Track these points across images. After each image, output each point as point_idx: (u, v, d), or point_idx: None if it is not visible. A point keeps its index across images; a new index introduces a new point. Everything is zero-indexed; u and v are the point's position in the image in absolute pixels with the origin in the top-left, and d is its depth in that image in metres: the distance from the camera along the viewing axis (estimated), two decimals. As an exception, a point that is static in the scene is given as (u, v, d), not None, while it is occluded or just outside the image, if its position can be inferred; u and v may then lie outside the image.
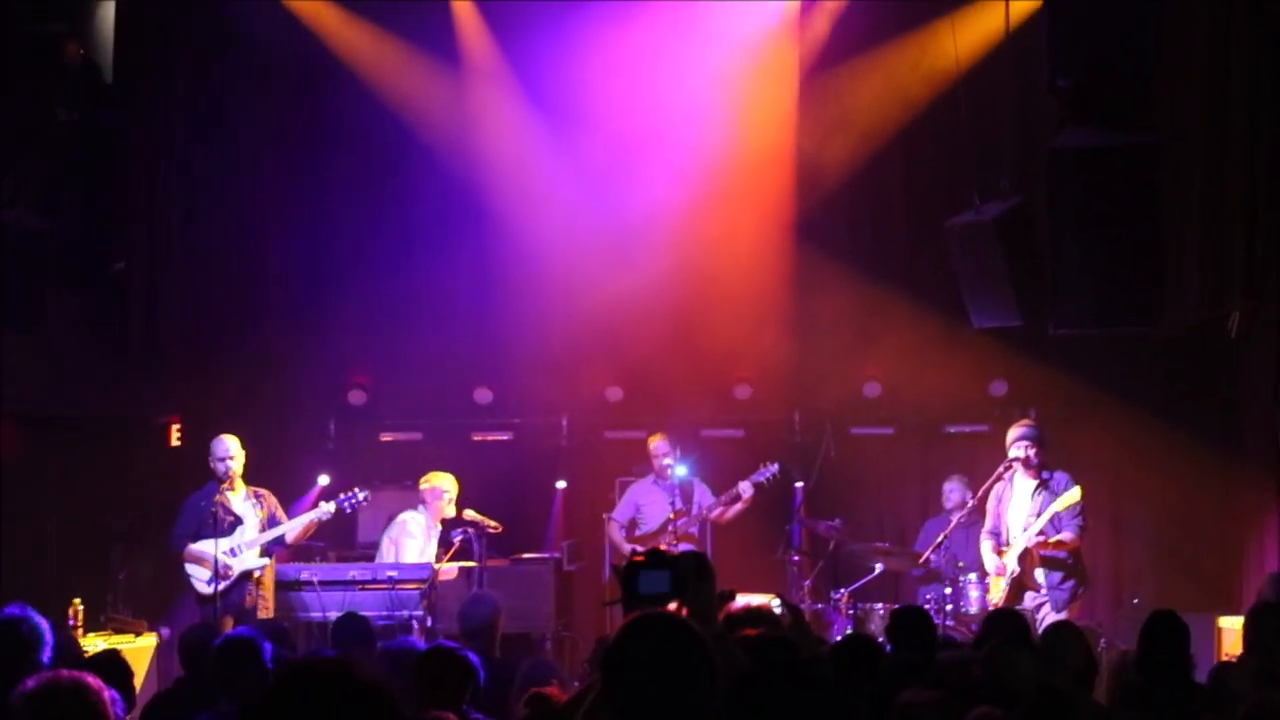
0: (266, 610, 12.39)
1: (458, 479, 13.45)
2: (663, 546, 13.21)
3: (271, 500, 12.70)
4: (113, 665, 7.50)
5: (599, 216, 15.13)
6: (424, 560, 13.02)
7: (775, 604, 4.97)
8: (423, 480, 13.44)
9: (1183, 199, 13.52)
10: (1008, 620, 9.05)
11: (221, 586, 12.13)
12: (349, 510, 12.91)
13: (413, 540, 13.17)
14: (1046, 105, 13.58)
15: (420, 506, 13.36)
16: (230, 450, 12.55)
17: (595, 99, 14.93)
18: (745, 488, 13.65)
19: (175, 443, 14.88)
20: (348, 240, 15.37)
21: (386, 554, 13.20)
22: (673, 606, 5.05)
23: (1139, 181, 12.89)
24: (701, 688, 4.27)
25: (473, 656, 7.26)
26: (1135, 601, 14.26)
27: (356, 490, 12.76)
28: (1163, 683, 7.84)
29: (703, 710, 4.24)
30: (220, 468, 12.50)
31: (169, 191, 14.92)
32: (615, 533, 13.74)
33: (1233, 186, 13.11)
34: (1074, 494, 12.17)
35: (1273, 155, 12.40)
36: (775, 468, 13.70)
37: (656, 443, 13.77)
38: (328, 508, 12.66)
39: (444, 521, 13.23)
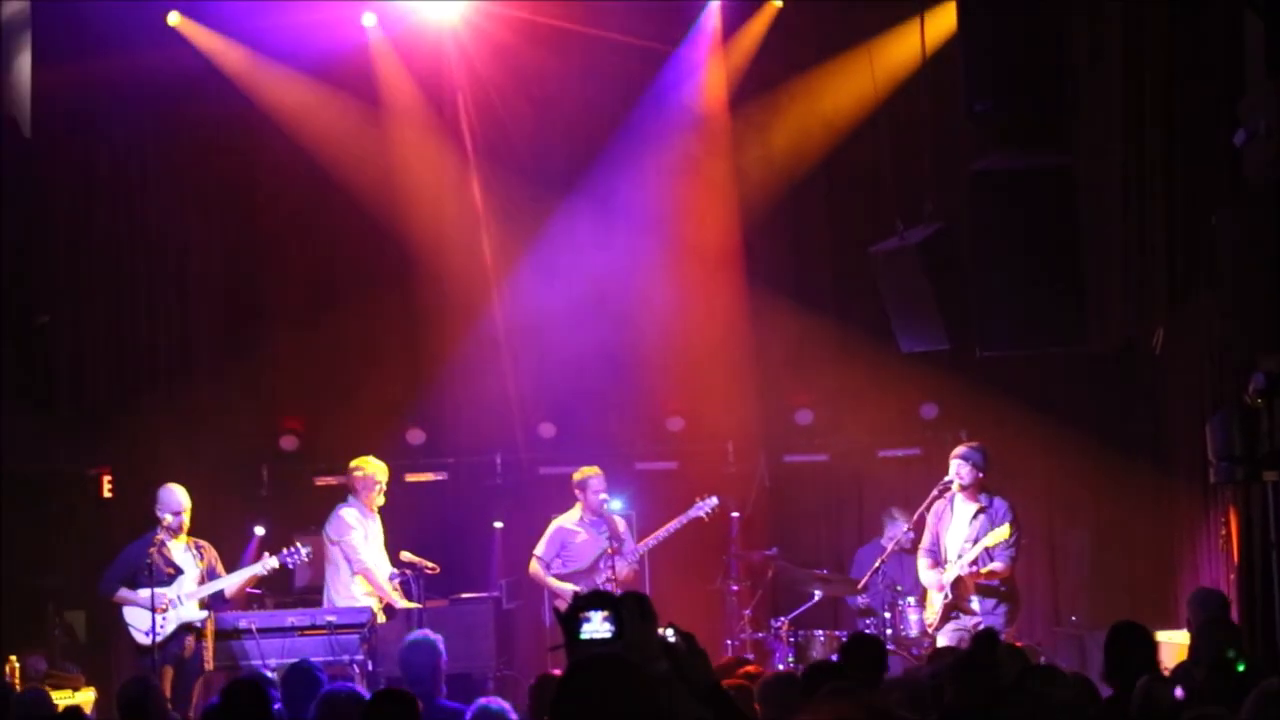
0: (209, 661, 12.30)
1: (392, 521, 13.40)
2: (594, 584, 13.22)
3: (211, 552, 12.63)
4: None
5: (525, 255, 15.17)
6: (378, 555, 13.01)
7: (669, 633, 4.97)
8: (352, 465, 13.32)
9: (1104, 218, 13.66)
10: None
11: (159, 636, 12.03)
12: (291, 566, 12.83)
13: (356, 532, 13.05)
14: (966, 130, 13.70)
15: (350, 498, 13.26)
16: (183, 503, 12.47)
17: (518, 139, 15.01)
18: (674, 526, 13.58)
19: (107, 494, 14.74)
20: (275, 286, 15.32)
21: (337, 561, 13.05)
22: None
23: (1060, 202, 13.01)
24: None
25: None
26: (1074, 619, 14.38)
27: (299, 546, 12.66)
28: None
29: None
30: (173, 521, 12.42)
31: (92, 244, 14.85)
32: (541, 571, 13.62)
33: (1153, 204, 13.26)
34: (1004, 531, 12.22)
35: (1190, 172, 12.56)
36: (713, 501, 13.67)
37: (590, 478, 13.66)
38: (270, 563, 12.58)
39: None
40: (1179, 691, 7.74)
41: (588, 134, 15.21)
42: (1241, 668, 7.63)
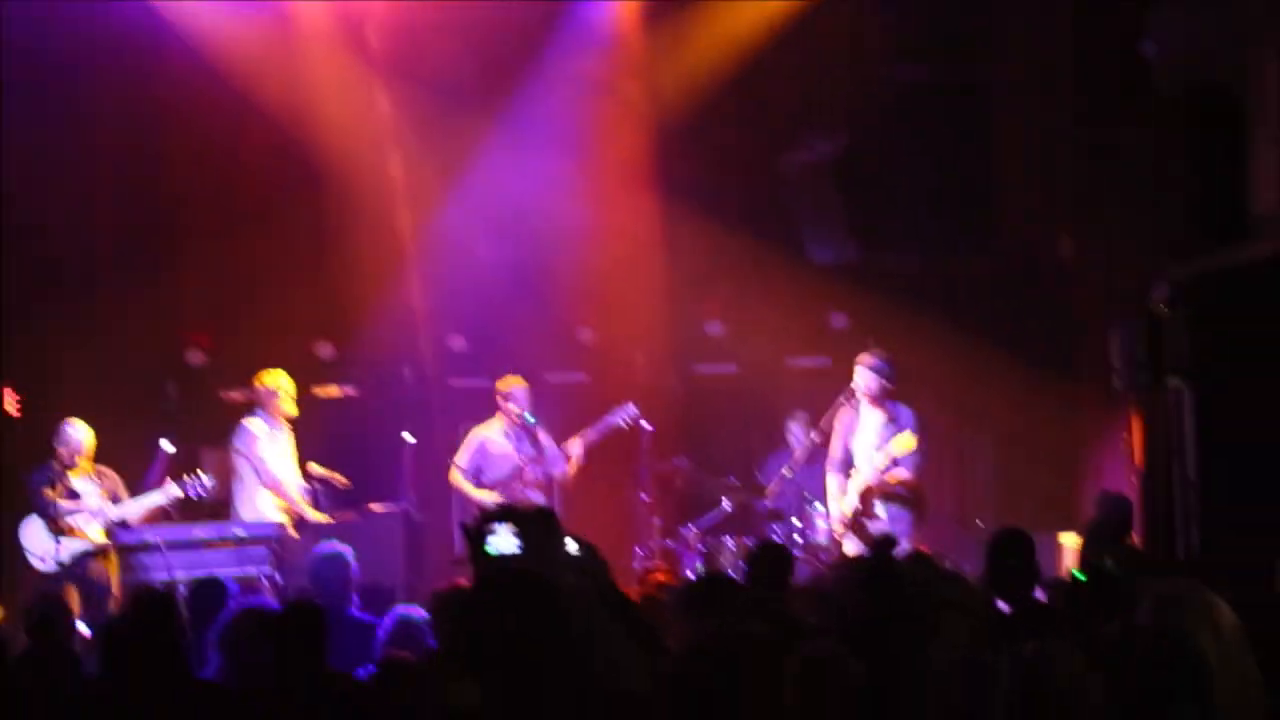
0: (112, 579, 12.23)
1: (301, 435, 13.35)
2: (515, 493, 13.24)
3: (112, 478, 12.52)
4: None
5: (435, 170, 15.07)
6: (288, 468, 12.98)
7: (571, 544, 4.97)
8: (256, 379, 13.24)
9: (1011, 128, 13.74)
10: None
11: (59, 559, 11.98)
12: (194, 496, 12.73)
13: (262, 443, 12.99)
14: (877, 42, 13.71)
15: (257, 410, 13.18)
16: (84, 445, 12.40)
17: (429, 55, 14.87)
18: (593, 434, 13.60)
19: (11, 411, 14.56)
20: (184, 200, 15.14)
21: (244, 474, 12.98)
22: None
23: (967, 114, 13.10)
24: (555, 639, 4.28)
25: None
26: (979, 523, 14.51)
27: (200, 476, 12.56)
28: (1010, 599, 7.97)
29: (558, 662, 4.26)
30: (67, 459, 12.34)
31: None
32: (462, 481, 13.64)
33: (1060, 116, 13.35)
34: (907, 439, 12.26)
35: (1097, 83, 12.64)
36: (632, 408, 13.68)
37: (512, 389, 13.62)
38: (172, 491, 12.49)
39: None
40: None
41: (500, 51, 15.04)
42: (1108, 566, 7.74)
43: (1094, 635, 5.80)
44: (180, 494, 12.51)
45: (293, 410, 13.17)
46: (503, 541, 5.03)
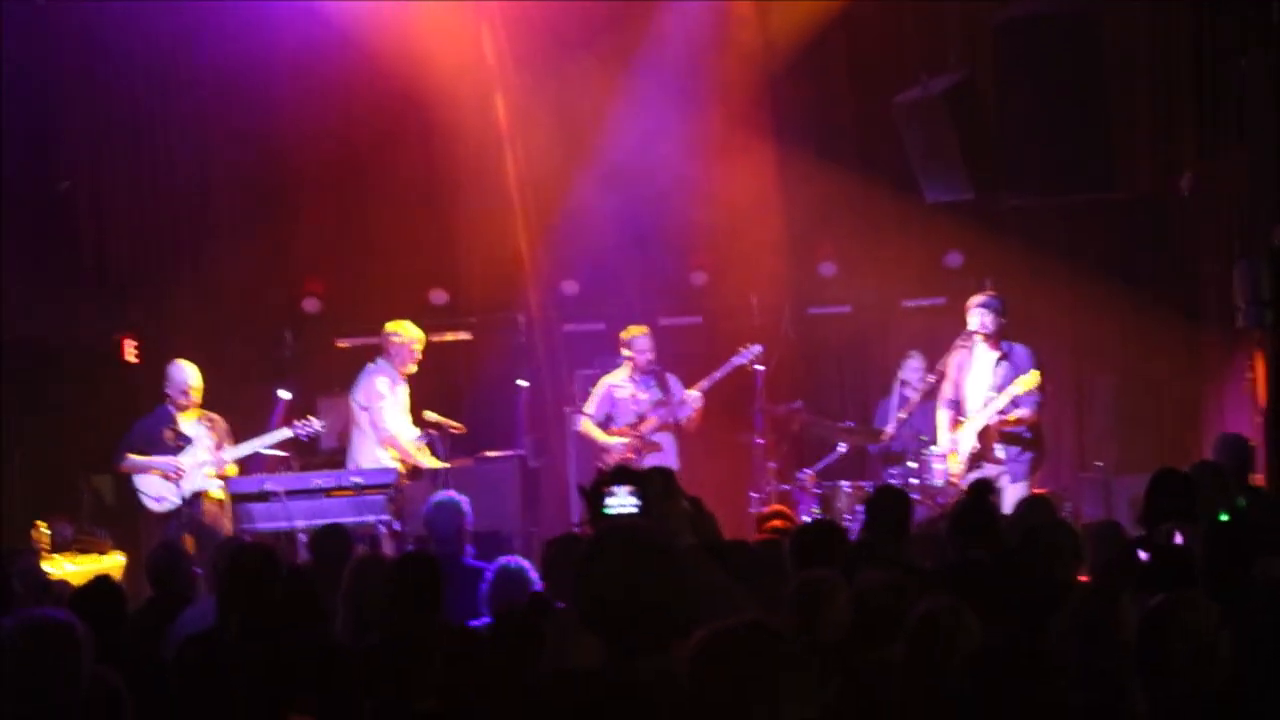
0: (226, 526, 12.35)
1: (417, 381, 13.39)
2: (641, 437, 13.24)
3: (222, 425, 12.61)
4: (105, 587, 7.52)
5: (544, 110, 15.04)
6: (404, 419, 12.99)
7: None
8: (389, 329, 13.15)
9: (1130, 63, 13.52)
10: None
11: (172, 504, 12.13)
12: (304, 438, 12.82)
13: (386, 400, 13.03)
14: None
15: (380, 360, 13.16)
16: (191, 380, 12.47)
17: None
18: (721, 373, 13.57)
19: (131, 359, 14.75)
20: (296, 149, 15.20)
21: (364, 426, 13.06)
22: None
23: (1085, 48, 12.90)
24: (673, 598, 4.25)
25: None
26: (1099, 464, 14.37)
27: (311, 420, 12.66)
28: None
29: (675, 621, 4.23)
30: (181, 399, 12.46)
31: (109, 109, 14.75)
32: (592, 429, 13.62)
33: (1179, 48, 13.11)
34: (1032, 377, 12.10)
35: (1218, 15, 12.39)
36: (757, 348, 13.63)
37: (636, 337, 13.57)
38: (282, 434, 12.58)
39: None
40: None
41: None
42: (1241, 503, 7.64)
43: (1229, 584, 5.68)
44: (291, 435, 12.62)
45: (415, 367, 13.18)
46: (620, 501, 5.00)
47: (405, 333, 13.16)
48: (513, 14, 14.98)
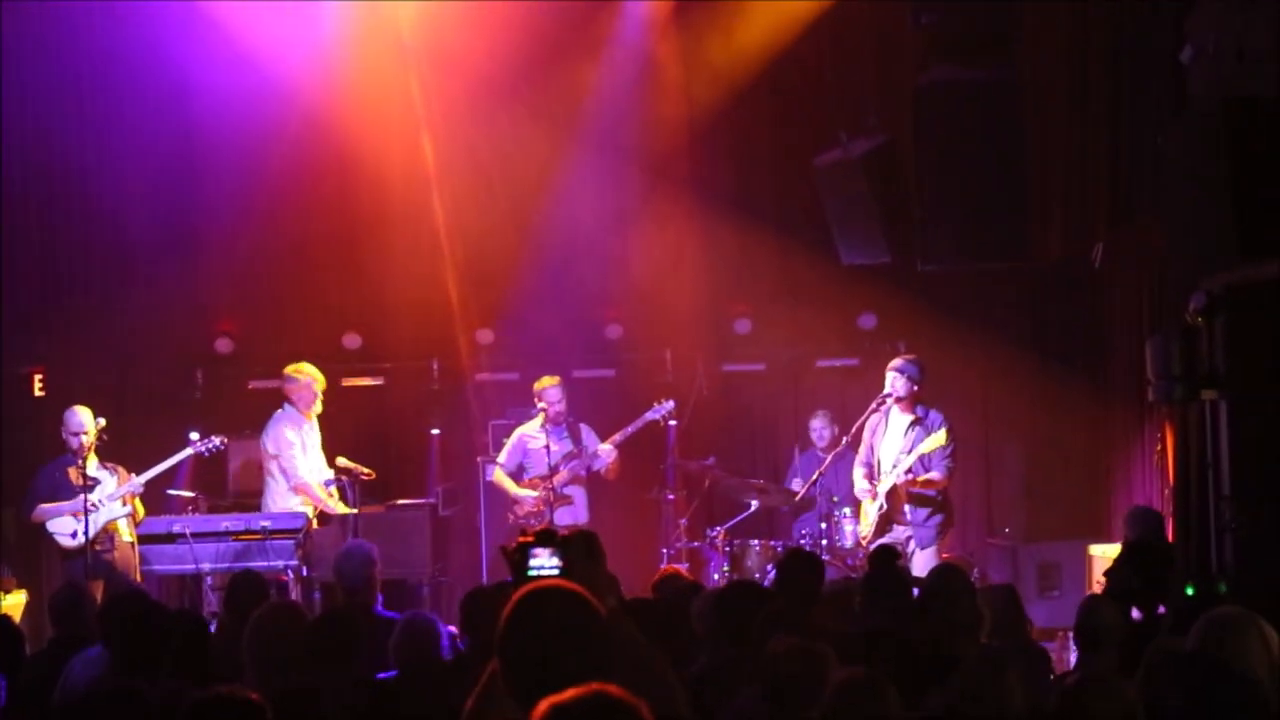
0: (134, 569, 12.20)
1: (329, 426, 13.33)
2: (552, 489, 13.21)
3: (122, 472, 12.47)
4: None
5: (466, 158, 15.04)
6: (316, 462, 12.96)
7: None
8: (288, 371, 13.18)
9: (1047, 133, 13.65)
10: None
11: (86, 531, 11.99)
12: (206, 454, 12.74)
13: (295, 447, 12.98)
14: (911, 41, 13.64)
15: (286, 406, 13.12)
16: (84, 424, 12.28)
17: (460, 44, 14.80)
18: (634, 429, 13.57)
19: (39, 393, 14.58)
20: (210, 188, 15.10)
21: (275, 474, 12.98)
22: None
23: (1003, 116, 13.01)
24: (597, 661, 4.23)
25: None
26: (1006, 531, 14.47)
27: (212, 437, 12.61)
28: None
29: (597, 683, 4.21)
30: (73, 441, 12.28)
31: (20, 141, 14.59)
32: (504, 479, 13.60)
33: (1096, 119, 13.25)
34: (940, 436, 12.23)
35: (1135, 88, 12.54)
36: (670, 405, 13.65)
37: (548, 388, 13.59)
38: (183, 453, 12.50)
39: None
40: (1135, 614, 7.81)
41: (530, 41, 14.97)
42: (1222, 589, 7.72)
43: (1143, 661, 5.73)
44: (193, 452, 12.52)
45: (320, 407, 13.15)
46: (544, 563, 4.97)
47: (304, 374, 13.14)
48: (440, 60, 14.97)
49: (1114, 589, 8.29)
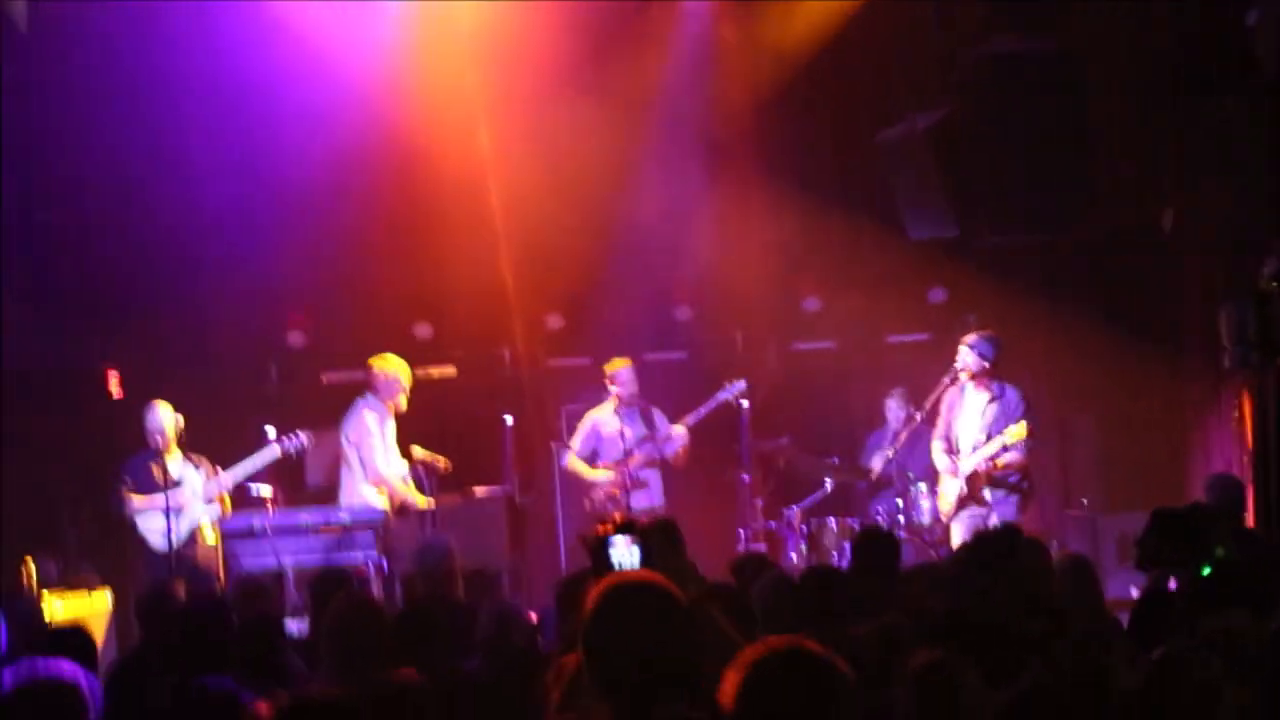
0: (218, 569, 12.32)
1: (403, 416, 13.38)
2: (627, 473, 13.25)
3: (206, 463, 12.61)
4: (78, 640, 7.43)
5: (529, 145, 15.05)
6: (394, 455, 13.02)
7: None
8: (375, 364, 13.21)
9: (1112, 101, 13.57)
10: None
11: (178, 533, 12.10)
12: (292, 453, 12.82)
13: (375, 438, 13.03)
14: (973, 13, 13.57)
15: (368, 395, 13.18)
16: (162, 423, 12.45)
17: (519, 29, 14.82)
18: (706, 409, 13.59)
19: (115, 393, 14.68)
20: (277, 184, 15.16)
21: (353, 464, 13.05)
22: None
23: (1068, 85, 12.93)
24: (686, 653, 4.25)
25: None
26: (1085, 502, 14.40)
27: (298, 433, 12.68)
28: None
29: (687, 677, 4.23)
30: (154, 440, 12.44)
31: (93, 140, 14.70)
32: (578, 464, 13.64)
33: (1159, 85, 13.17)
34: (1020, 429, 12.16)
35: (1200, 53, 12.45)
36: (741, 384, 13.65)
37: (620, 370, 13.63)
38: (271, 452, 12.59)
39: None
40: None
41: (589, 21, 14.97)
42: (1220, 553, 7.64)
43: (1232, 634, 5.67)
44: (280, 453, 12.60)
45: (404, 403, 13.19)
46: (623, 554, 5.00)
47: (390, 367, 13.17)
48: (498, 49, 14.98)
49: (1143, 558, 8.23)
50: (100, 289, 14.77)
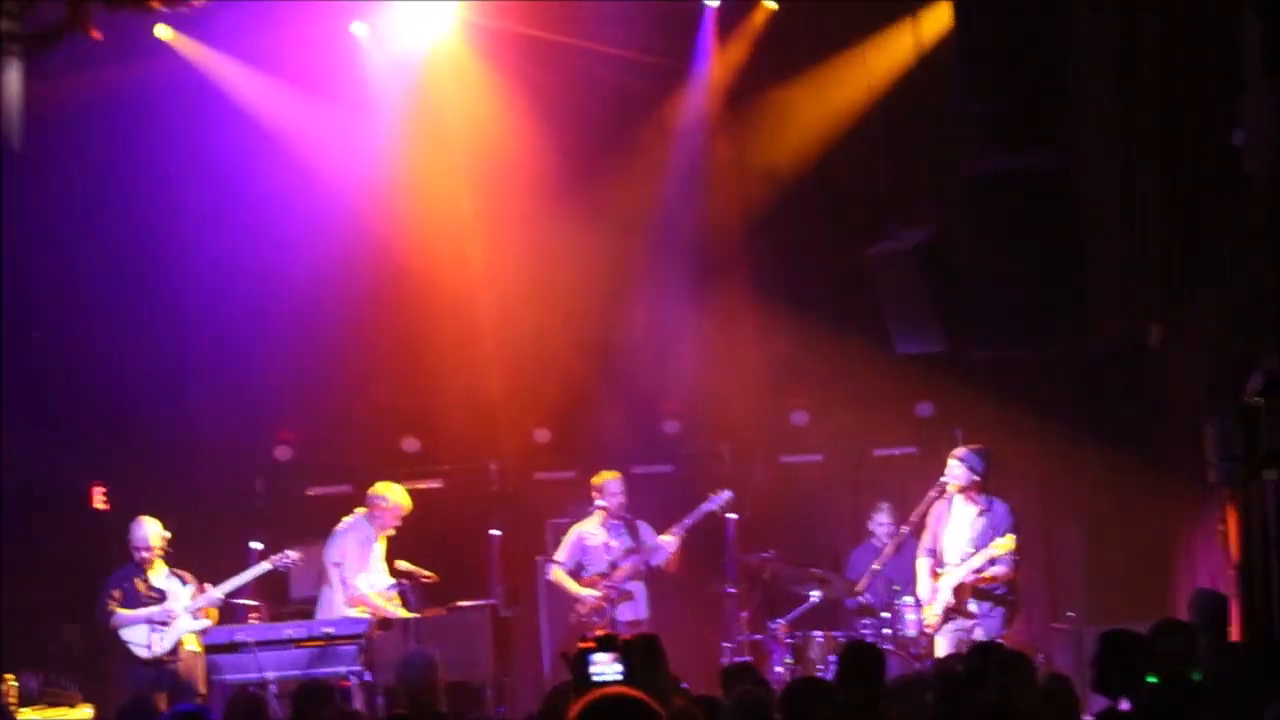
0: (200, 679, 12.25)
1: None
2: (613, 585, 13.19)
3: (191, 577, 12.61)
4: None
5: (517, 260, 15.13)
6: (375, 579, 12.97)
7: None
8: (378, 492, 13.23)
9: (1101, 217, 13.62)
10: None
11: (159, 650, 12.02)
12: (282, 569, 12.83)
13: (351, 561, 13.00)
14: (961, 131, 13.67)
15: (358, 517, 13.16)
16: (149, 538, 12.50)
17: (509, 148, 14.94)
18: (691, 520, 13.55)
19: (100, 506, 14.67)
20: (266, 298, 15.20)
21: (334, 583, 13.01)
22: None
23: (1056, 202, 12.98)
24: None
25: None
26: (1070, 615, 14.34)
27: (288, 552, 12.67)
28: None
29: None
30: (141, 554, 12.46)
31: (83, 258, 14.74)
32: (564, 578, 13.58)
33: (1150, 203, 13.23)
34: (1009, 541, 12.16)
35: (1188, 170, 12.52)
36: (726, 494, 13.63)
37: (609, 481, 13.62)
38: (261, 568, 12.58)
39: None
40: None
41: (580, 142, 15.12)
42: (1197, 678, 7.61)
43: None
44: (270, 568, 12.59)
45: (394, 531, 13.18)
46: (605, 669, 4.96)
47: (393, 498, 13.21)
48: (491, 167, 15.10)
49: (1097, 681, 8.20)
50: (87, 405, 14.76)
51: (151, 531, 12.54)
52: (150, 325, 15.05)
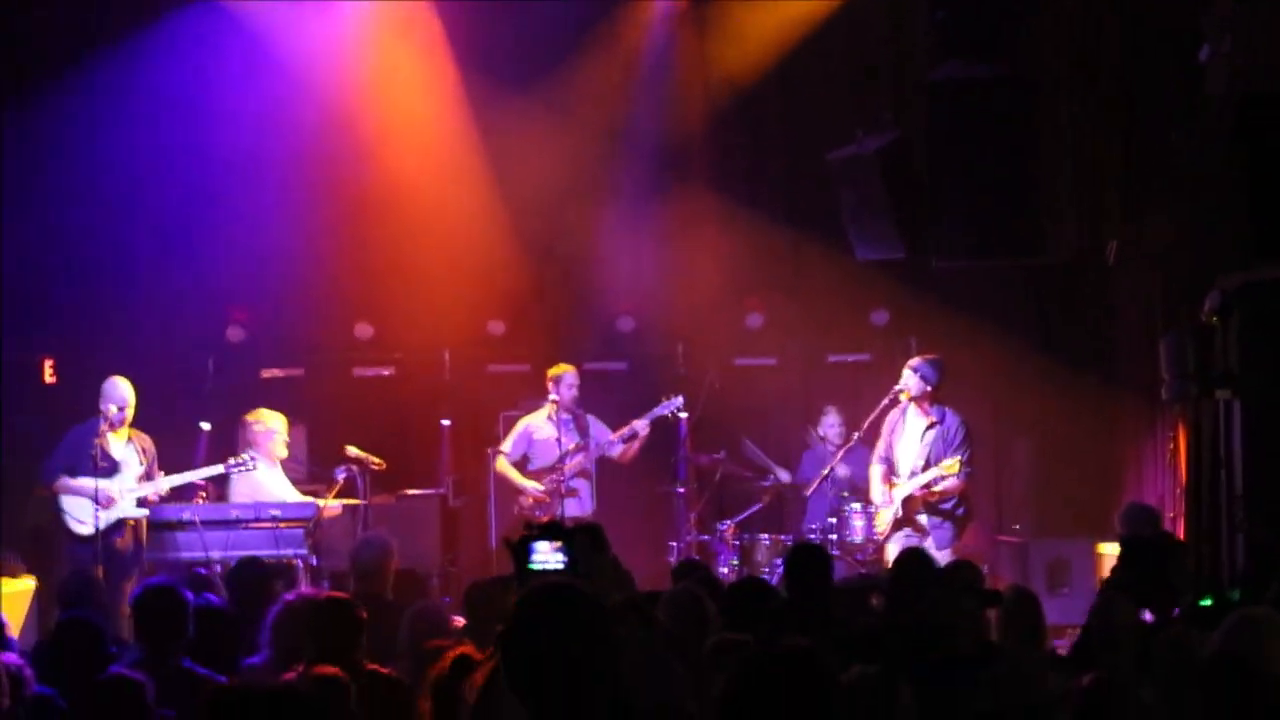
0: (140, 554, 12.20)
1: (340, 415, 13.32)
2: (558, 479, 13.22)
3: (151, 451, 12.46)
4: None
5: (476, 150, 15.04)
6: (286, 492, 12.97)
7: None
8: (251, 416, 13.14)
9: (1060, 130, 13.62)
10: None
11: (100, 524, 11.94)
12: (238, 473, 12.70)
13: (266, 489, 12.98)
14: (925, 38, 13.62)
15: (247, 451, 12.95)
16: (128, 397, 12.28)
17: (475, 39, 14.83)
18: (642, 424, 13.58)
19: (49, 380, 14.55)
20: (220, 176, 15.06)
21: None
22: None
23: (1016, 114, 12.96)
24: (602, 658, 4.20)
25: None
26: (1016, 528, 14.45)
27: (247, 457, 12.57)
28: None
29: (604, 681, 4.18)
30: (116, 415, 12.24)
31: (35, 131, 14.57)
32: (508, 468, 13.59)
33: (1109, 115, 13.24)
34: (954, 464, 12.20)
35: (1147, 84, 12.52)
36: (679, 400, 13.65)
37: (565, 374, 13.59)
38: (214, 470, 12.48)
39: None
40: None
41: (545, 36, 14.99)
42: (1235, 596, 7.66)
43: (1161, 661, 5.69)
44: (221, 471, 12.51)
45: (283, 452, 13.11)
46: (547, 557, 4.94)
47: (267, 420, 13.08)
48: (457, 57, 14.98)
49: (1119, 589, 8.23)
50: (34, 279, 14.59)
51: (128, 392, 12.35)
52: (98, 200, 14.83)
